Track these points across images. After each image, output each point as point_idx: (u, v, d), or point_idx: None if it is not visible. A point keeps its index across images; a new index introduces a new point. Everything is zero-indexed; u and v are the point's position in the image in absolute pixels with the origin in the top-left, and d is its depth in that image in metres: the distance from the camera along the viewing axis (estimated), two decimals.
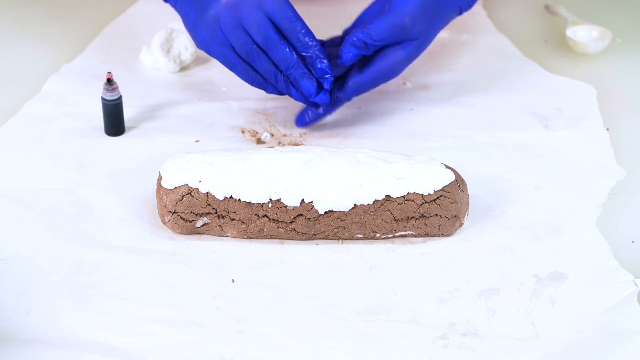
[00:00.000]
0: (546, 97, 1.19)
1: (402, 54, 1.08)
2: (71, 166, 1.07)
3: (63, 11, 1.31)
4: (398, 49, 1.08)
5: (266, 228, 0.98)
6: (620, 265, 0.97)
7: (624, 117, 1.16)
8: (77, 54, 1.24)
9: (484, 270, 0.96)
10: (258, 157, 0.99)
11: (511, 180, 1.06)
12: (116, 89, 1.10)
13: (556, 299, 0.94)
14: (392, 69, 1.08)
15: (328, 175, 0.97)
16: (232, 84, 1.19)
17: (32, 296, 0.93)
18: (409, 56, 1.08)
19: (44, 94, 1.17)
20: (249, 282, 0.95)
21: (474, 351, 0.89)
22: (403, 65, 1.09)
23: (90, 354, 0.88)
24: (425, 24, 1.07)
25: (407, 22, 1.06)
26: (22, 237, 0.99)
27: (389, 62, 1.08)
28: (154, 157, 1.08)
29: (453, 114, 1.16)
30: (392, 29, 1.06)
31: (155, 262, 0.97)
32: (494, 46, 1.27)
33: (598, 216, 1.02)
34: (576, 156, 1.10)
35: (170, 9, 1.15)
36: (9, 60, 1.23)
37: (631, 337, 0.90)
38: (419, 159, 0.99)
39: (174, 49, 1.21)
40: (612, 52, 1.26)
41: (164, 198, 0.98)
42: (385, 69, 1.08)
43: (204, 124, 1.14)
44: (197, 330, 0.91)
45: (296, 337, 0.90)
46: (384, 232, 0.98)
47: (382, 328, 0.91)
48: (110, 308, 0.92)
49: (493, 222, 1.02)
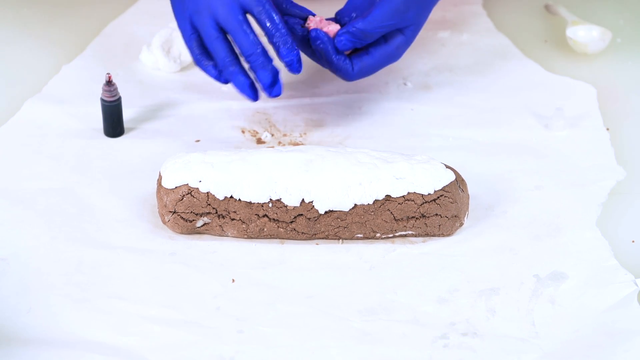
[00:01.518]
0: (546, 97, 1.18)
1: (401, 39, 1.08)
2: (71, 166, 1.07)
3: (63, 11, 1.31)
4: (396, 33, 1.08)
5: (266, 228, 0.98)
6: (620, 265, 0.97)
7: (624, 117, 1.16)
8: (77, 54, 1.24)
9: (484, 270, 0.96)
10: (258, 157, 0.99)
11: (511, 180, 1.06)
12: (115, 90, 1.10)
13: (556, 299, 0.94)
14: (392, 55, 1.09)
15: (328, 175, 0.97)
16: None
17: (32, 296, 0.93)
18: (407, 40, 1.09)
19: (44, 94, 1.17)
20: (249, 282, 0.95)
21: (474, 351, 0.89)
22: (401, 50, 1.09)
23: (90, 354, 0.88)
24: (419, 7, 1.07)
25: (402, 7, 1.06)
26: (22, 237, 0.99)
27: (390, 48, 1.08)
28: (154, 157, 1.08)
29: (453, 114, 1.16)
30: (389, 16, 1.06)
31: (155, 262, 0.97)
32: (494, 46, 1.27)
33: (598, 216, 1.02)
34: (576, 156, 1.10)
35: (170, 8, 1.15)
36: (9, 61, 1.23)
37: (631, 337, 0.90)
38: (419, 158, 0.99)
39: (174, 49, 1.21)
40: (612, 52, 1.26)
41: (164, 198, 0.98)
42: (385, 55, 1.09)
43: (204, 124, 1.14)
44: (197, 330, 0.91)
45: (296, 337, 0.90)
46: (384, 232, 0.98)
47: (382, 328, 0.91)
48: (110, 308, 0.92)
49: (493, 222, 1.02)
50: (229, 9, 1.05)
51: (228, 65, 1.07)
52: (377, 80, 1.20)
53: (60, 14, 1.30)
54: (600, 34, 1.25)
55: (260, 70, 1.06)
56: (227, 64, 1.07)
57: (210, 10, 1.06)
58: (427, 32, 1.27)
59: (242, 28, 1.05)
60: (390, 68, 1.22)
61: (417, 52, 1.25)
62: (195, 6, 1.07)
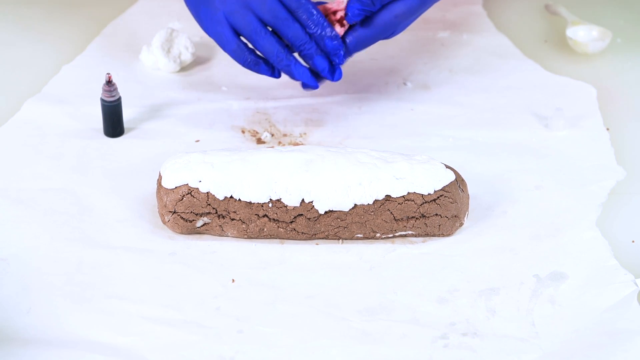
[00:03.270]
0: (546, 97, 1.19)
1: (401, 7, 1.07)
2: (71, 166, 1.07)
3: (63, 11, 1.31)
4: (399, 2, 1.07)
5: (266, 228, 0.98)
6: (620, 265, 0.97)
7: (624, 117, 1.16)
8: (77, 54, 1.24)
9: (484, 270, 0.96)
10: (258, 157, 0.99)
11: (511, 180, 1.06)
12: (115, 90, 1.10)
13: (556, 299, 0.94)
14: (392, 23, 1.08)
15: (328, 175, 0.97)
16: (232, 84, 1.20)
17: (32, 296, 0.93)
18: (410, 10, 1.07)
19: (44, 94, 1.17)
20: (249, 282, 0.95)
21: (474, 351, 0.89)
22: (404, 19, 1.08)
23: (90, 354, 0.88)
24: None
25: None
26: (22, 237, 0.99)
27: (389, 15, 1.07)
28: (154, 157, 1.08)
29: (453, 114, 1.16)
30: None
31: (155, 262, 0.97)
32: (494, 46, 1.27)
33: (598, 216, 1.02)
34: (576, 156, 1.10)
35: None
36: (9, 61, 1.23)
37: (631, 337, 0.90)
38: (419, 158, 0.99)
39: (174, 49, 1.21)
40: (612, 52, 1.26)
41: (164, 198, 0.98)
42: (386, 22, 1.07)
43: (204, 124, 1.14)
44: (197, 330, 0.91)
45: (296, 337, 0.90)
46: (384, 232, 0.98)
47: (382, 328, 0.91)
48: (110, 308, 0.92)
49: (493, 222, 1.02)
50: (270, 4, 1.05)
51: (283, 58, 1.07)
52: (377, 80, 1.20)
53: (60, 14, 1.30)
54: (600, 34, 1.25)
55: (316, 57, 1.06)
56: (282, 57, 1.06)
57: (250, 8, 1.06)
58: (427, 32, 1.28)
59: (290, 20, 1.05)
60: (390, 68, 1.22)
61: (417, 52, 1.25)
62: (231, 7, 1.06)
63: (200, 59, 1.23)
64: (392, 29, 1.08)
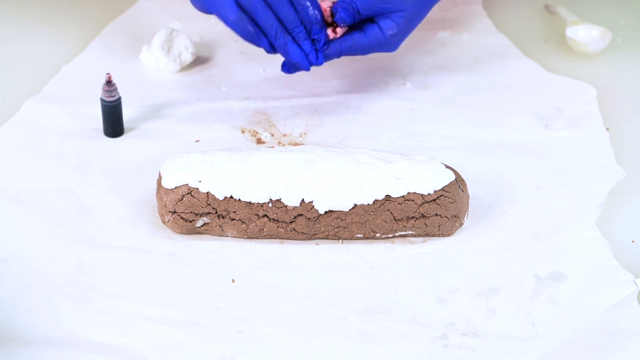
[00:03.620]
0: (546, 97, 1.18)
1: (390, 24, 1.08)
2: (71, 166, 1.07)
3: (63, 11, 1.31)
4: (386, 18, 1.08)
5: (266, 228, 0.98)
6: (620, 265, 0.97)
7: (624, 117, 1.16)
8: (77, 54, 1.24)
9: (484, 270, 0.97)
10: (258, 157, 0.99)
11: (511, 180, 1.06)
12: (115, 90, 1.10)
13: (556, 299, 0.94)
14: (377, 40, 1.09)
15: (328, 175, 0.97)
16: (232, 84, 1.20)
17: (32, 296, 0.93)
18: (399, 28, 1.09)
19: (44, 94, 1.17)
20: (249, 282, 0.95)
21: (474, 351, 0.89)
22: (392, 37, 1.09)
23: (90, 354, 0.88)
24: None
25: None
26: (22, 237, 0.99)
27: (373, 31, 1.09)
28: (154, 157, 1.08)
29: (453, 114, 1.16)
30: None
31: (155, 262, 0.97)
32: (494, 46, 1.27)
33: (598, 216, 1.02)
34: (576, 156, 1.10)
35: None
36: (9, 60, 1.23)
37: (631, 337, 0.90)
38: (419, 158, 0.99)
39: (174, 49, 1.21)
40: (612, 52, 1.26)
41: (164, 198, 0.98)
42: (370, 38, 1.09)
43: (204, 124, 1.14)
44: (197, 330, 0.91)
45: (296, 337, 0.90)
46: (384, 232, 0.98)
47: (382, 328, 0.91)
48: (110, 308, 0.92)
49: (493, 222, 1.02)
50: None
51: (281, 36, 1.07)
52: (377, 80, 1.20)
53: (60, 13, 1.30)
54: (600, 34, 1.25)
55: (303, 42, 1.07)
56: (280, 35, 1.07)
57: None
58: (427, 32, 1.28)
59: (285, 2, 1.06)
60: (390, 68, 1.22)
61: (417, 52, 1.25)
62: None
63: (200, 59, 1.23)
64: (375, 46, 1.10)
